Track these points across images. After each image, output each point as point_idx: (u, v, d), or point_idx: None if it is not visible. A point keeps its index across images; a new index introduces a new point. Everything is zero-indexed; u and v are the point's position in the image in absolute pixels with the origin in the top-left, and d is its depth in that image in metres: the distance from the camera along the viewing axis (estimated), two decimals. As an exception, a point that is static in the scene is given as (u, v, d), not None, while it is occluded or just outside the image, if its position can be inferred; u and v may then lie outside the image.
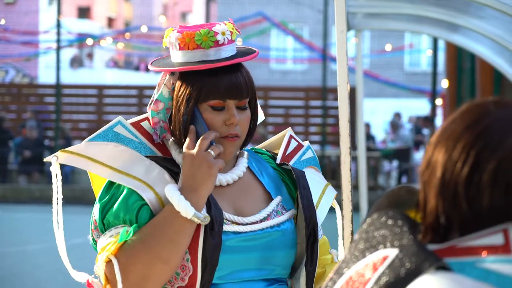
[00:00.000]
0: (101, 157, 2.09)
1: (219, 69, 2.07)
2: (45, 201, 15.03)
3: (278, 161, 2.28)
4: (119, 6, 46.76)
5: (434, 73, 15.23)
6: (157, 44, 26.98)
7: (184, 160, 2.05)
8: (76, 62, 31.96)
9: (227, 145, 2.10)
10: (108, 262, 2.00)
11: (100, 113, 18.37)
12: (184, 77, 2.09)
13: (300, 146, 2.37)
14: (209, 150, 2.04)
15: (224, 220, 2.07)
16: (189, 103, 2.07)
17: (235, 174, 2.15)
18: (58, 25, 17.38)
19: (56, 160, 2.11)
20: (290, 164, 2.28)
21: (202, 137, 2.05)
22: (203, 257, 2.00)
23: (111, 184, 2.09)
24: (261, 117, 2.29)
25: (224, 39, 2.09)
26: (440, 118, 16.16)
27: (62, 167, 2.14)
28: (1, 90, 19.42)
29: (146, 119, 2.18)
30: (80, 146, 2.12)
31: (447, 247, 1.19)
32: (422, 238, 1.24)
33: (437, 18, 5.41)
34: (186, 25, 2.15)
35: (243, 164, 2.18)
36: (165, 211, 2.02)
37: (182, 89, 2.08)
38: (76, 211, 10.06)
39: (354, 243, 1.28)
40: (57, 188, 2.15)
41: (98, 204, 2.08)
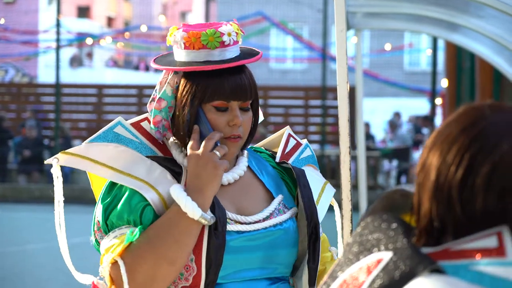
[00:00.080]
0: (102, 158, 2.09)
1: (224, 70, 2.07)
2: (45, 200, 15.03)
3: (277, 159, 2.28)
4: (118, 5, 46.75)
5: (434, 72, 15.23)
6: (157, 43, 26.98)
7: (189, 161, 2.05)
8: (76, 62, 31.96)
9: (230, 146, 2.09)
10: (114, 263, 1.99)
11: (99, 112, 18.37)
12: (189, 76, 2.08)
13: (298, 144, 2.37)
14: (214, 151, 2.04)
15: (227, 219, 2.06)
16: (194, 103, 2.06)
17: (236, 173, 2.15)
18: (58, 25, 17.39)
19: (57, 162, 2.11)
20: (289, 162, 2.28)
21: (207, 138, 2.05)
22: (207, 257, 2.00)
23: (113, 184, 2.08)
24: (261, 118, 2.29)
25: (230, 40, 2.09)
26: (439, 118, 16.16)
27: (61, 167, 2.13)
28: (0, 90, 19.42)
29: (146, 119, 2.18)
30: (81, 148, 2.11)
31: (441, 250, 1.19)
32: (416, 241, 1.24)
33: (437, 18, 5.41)
34: (190, 24, 2.14)
35: (243, 163, 2.18)
36: (170, 212, 2.01)
37: (187, 88, 2.07)
38: (76, 211, 10.07)
39: (348, 247, 1.28)
40: (58, 191, 2.14)
41: (101, 205, 2.07)
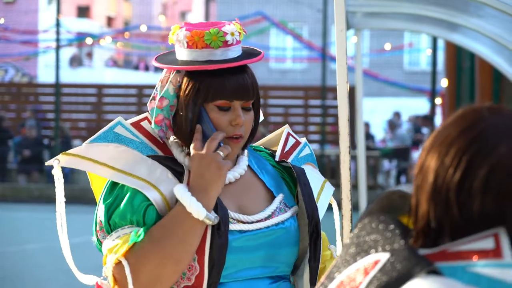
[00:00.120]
0: (103, 158, 2.08)
1: (226, 69, 2.07)
2: (45, 200, 15.03)
3: (277, 158, 2.28)
4: (118, 5, 46.75)
5: (434, 72, 15.23)
6: (156, 43, 26.98)
7: (193, 161, 2.04)
8: (76, 61, 31.96)
9: (232, 146, 2.09)
10: (117, 263, 1.99)
11: (99, 112, 18.37)
12: (191, 75, 2.07)
13: (297, 143, 2.37)
14: (218, 151, 2.04)
15: (229, 219, 2.06)
16: (196, 102, 2.06)
17: (237, 172, 2.15)
18: (58, 24, 17.39)
19: (57, 164, 2.10)
20: (289, 161, 2.28)
21: (210, 138, 2.04)
22: (210, 257, 2.00)
23: (114, 184, 2.08)
24: (261, 118, 2.29)
25: (233, 40, 2.09)
26: (439, 117, 16.16)
27: (61, 167, 2.12)
28: (0, 89, 19.42)
29: (146, 118, 2.17)
30: (81, 148, 2.11)
31: (438, 252, 1.19)
32: (414, 243, 1.24)
33: (437, 17, 5.42)
34: (192, 23, 2.14)
35: (244, 162, 2.18)
36: (174, 212, 2.01)
37: (190, 87, 2.06)
38: (75, 210, 10.06)
39: (345, 248, 1.28)
40: (60, 192, 2.13)
41: (103, 205, 2.06)
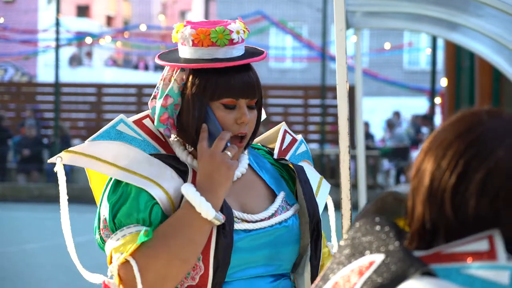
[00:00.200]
0: (106, 156, 2.07)
1: (232, 67, 2.06)
2: (44, 199, 15.03)
3: (275, 156, 2.28)
4: (118, 4, 46.74)
5: (433, 71, 15.22)
6: (156, 42, 26.97)
7: (201, 161, 2.04)
8: (75, 61, 31.97)
9: (237, 146, 2.09)
10: (124, 262, 1.97)
11: (99, 111, 18.36)
12: (197, 73, 2.06)
13: (294, 140, 2.37)
14: (226, 151, 2.04)
15: (234, 218, 2.06)
16: (203, 100, 2.05)
17: (239, 171, 2.14)
18: (57, 24, 17.38)
19: (60, 161, 2.09)
20: (287, 158, 2.28)
21: (218, 138, 2.04)
22: (215, 257, 2.00)
23: (118, 182, 2.07)
24: (263, 116, 2.28)
25: (238, 38, 2.08)
26: (439, 117, 16.16)
27: (62, 165, 2.12)
28: (0, 89, 19.41)
29: (147, 116, 2.16)
30: (84, 146, 2.10)
31: (432, 253, 1.19)
32: (408, 245, 1.24)
33: (436, 17, 5.42)
34: (194, 21, 2.12)
35: (245, 161, 2.17)
36: (182, 211, 2.00)
37: (196, 86, 2.05)
38: (75, 210, 10.05)
39: (340, 249, 1.28)
40: (63, 190, 2.12)
41: (107, 203, 2.05)
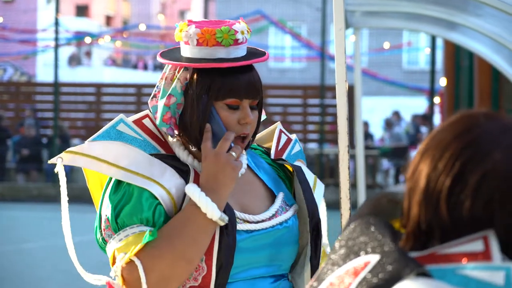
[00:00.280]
0: (107, 156, 2.07)
1: (236, 68, 2.06)
2: (43, 199, 15.03)
3: (272, 156, 2.28)
4: (117, 4, 46.74)
5: (432, 71, 15.23)
6: (155, 42, 26.97)
7: (206, 161, 2.03)
8: (74, 61, 31.98)
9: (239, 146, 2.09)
10: (128, 263, 1.97)
11: (98, 111, 18.36)
12: (202, 73, 2.06)
13: (289, 140, 2.37)
14: (230, 152, 2.04)
15: (236, 218, 2.05)
16: (207, 100, 2.05)
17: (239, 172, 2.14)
18: (56, 23, 17.38)
19: (61, 162, 2.09)
20: (283, 158, 2.28)
21: (223, 138, 2.04)
22: (218, 258, 2.00)
23: (119, 182, 2.06)
24: (263, 117, 2.28)
25: (243, 38, 2.08)
26: (438, 116, 16.17)
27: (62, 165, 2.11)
28: (-1, 89, 19.42)
29: (147, 116, 2.15)
30: (84, 146, 2.09)
31: (427, 254, 1.19)
32: (404, 245, 1.24)
33: (435, 16, 5.42)
34: (195, 21, 2.11)
35: (244, 162, 2.17)
36: (187, 211, 2.00)
37: (201, 85, 2.05)
38: (75, 209, 10.06)
39: (335, 250, 1.27)
40: (63, 191, 2.12)
41: (110, 203, 2.04)
